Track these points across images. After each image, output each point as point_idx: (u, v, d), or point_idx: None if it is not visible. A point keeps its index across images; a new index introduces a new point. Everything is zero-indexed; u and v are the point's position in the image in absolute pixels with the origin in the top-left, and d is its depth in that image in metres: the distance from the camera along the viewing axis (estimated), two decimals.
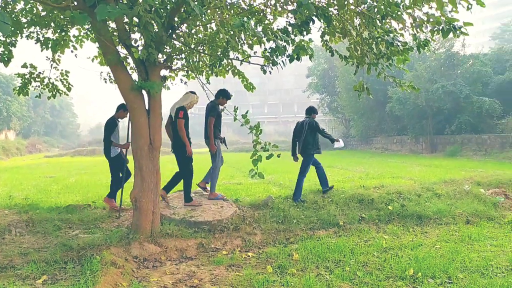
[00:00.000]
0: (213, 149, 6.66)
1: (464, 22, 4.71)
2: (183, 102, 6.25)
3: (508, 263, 4.51)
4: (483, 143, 22.04)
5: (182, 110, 6.09)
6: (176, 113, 6.07)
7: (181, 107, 6.12)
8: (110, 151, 6.53)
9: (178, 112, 6.05)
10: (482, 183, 8.34)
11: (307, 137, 7.34)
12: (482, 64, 24.76)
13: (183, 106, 6.17)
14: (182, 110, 6.08)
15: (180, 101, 6.27)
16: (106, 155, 6.62)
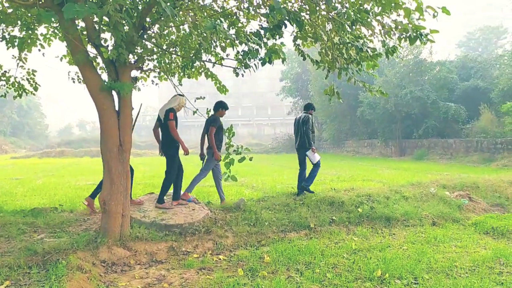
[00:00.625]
0: (218, 157, 6.82)
1: (430, 30, 4.84)
2: (172, 104, 6.22)
3: (471, 263, 4.64)
4: (449, 147, 22.74)
5: (172, 112, 6.09)
6: (166, 115, 6.06)
7: (170, 109, 6.11)
8: None
9: (168, 114, 6.05)
10: (448, 186, 8.59)
11: (302, 133, 7.61)
12: (448, 71, 25.59)
13: (172, 108, 6.16)
14: (172, 112, 6.08)
15: (169, 103, 6.25)
16: None
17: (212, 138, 6.77)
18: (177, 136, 6.10)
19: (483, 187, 8.59)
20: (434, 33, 4.89)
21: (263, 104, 74.49)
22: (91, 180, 12.06)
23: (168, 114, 6.07)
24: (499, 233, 6.02)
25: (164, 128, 6.15)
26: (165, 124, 6.11)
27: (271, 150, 39.87)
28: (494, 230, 6.15)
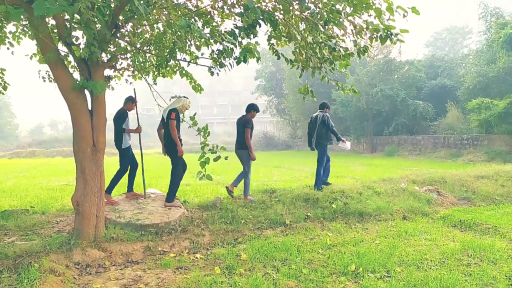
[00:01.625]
0: (253, 157, 7.23)
1: (400, 30, 4.93)
2: (175, 104, 6.30)
3: (441, 256, 4.77)
4: (418, 143, 23.33)
5: (174, 111, 6.16)
6: (169, 115, 6.14)
7: (173, 109, 6.18)
8: (122, 142, 6.49)
9: (170, 114, 6.13)
10: (417, 181, 8.80)
11: (320, 130, 8.01)
12: (416, 70, 26.23)
13: (175, 108, 6.22)
14: (174, 111, 6.15)
15: (172, 104, 6.33)
16: (117, 146, 6.56)
17: (248, 138, 7.16)
18: (175, 136, 6.17)
19: (450, 181, 8.84)
20: (404, 32, 4.97)
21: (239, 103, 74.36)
22: (63, 180, 11.74)
23: (170, 114, 6.14)
24: (466, 226, 6.21)
25: (167, 127, 6.22)
26: (167, 123, 6.18)
27: None
28: (461, 223, 6.34)
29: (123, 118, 6.50)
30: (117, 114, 6.55)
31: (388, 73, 26.06)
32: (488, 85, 21.92)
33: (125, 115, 6.58)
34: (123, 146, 6.53)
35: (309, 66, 5.87)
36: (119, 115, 6.51)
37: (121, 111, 6.57)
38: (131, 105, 6.68)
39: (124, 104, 6.68)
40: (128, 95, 6.65)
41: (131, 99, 6.65)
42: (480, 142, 19.99)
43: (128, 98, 6.67)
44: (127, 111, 6.65)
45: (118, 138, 6.50)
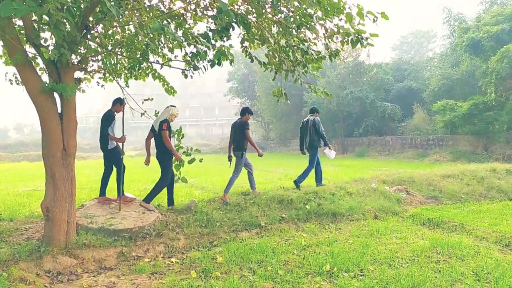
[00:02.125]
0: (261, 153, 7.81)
1: (370, 34, 5.04)
2: (165, 115, 6.45)
3: (411, 254, 4.89)
4: (386, 144, 23.89)
5: (166, 122, 6.32)
6: (160, 126, 6.30)
7: (164, 120, 6.34)
8: (108, 143, 6.34)
9: (161, 125, 6.29)
10: (387, 181, 9.00)
11: (312, 134, 8.36)
12: (384, 73, 26.90)
13: (166, 119, 6.38)
14: (165, 122, 6.31)
15: (162, 115, 6.49)
16: (102, 147, 6.41)
17: (250, 138, 7.55)
18: (170, 145, 6.31)
19: (418, 181, 9.09)
20: (373, 36, 5.08)
21: (211, 105, 74.11)
22: (31, 186, 11.32)
23: (161, 125, 6.29)
24: (434, 224, 6.41)
25: (158, 137, 6.37)
26: (159, 134, 6.32)
27: (219, 150, 39.77)
28: (430, 221, 6.54)
29: (110, 121, 6.34)
30: (104, 116, 6.39)
31: (357, 75, 26.61)
32: (452, 87, 22.72)
33: (112, 118, 6.40)
34: (109, 147, 6.38)
35: (282, 69, 5.91)
36: (106, 117, 6.35)
37: (108, 113, 6.41)
38: (119, 107, 6.50)
39: (112, 106, 6.51)
40: (117, 97, 6.46)
41: (119, 101, 6.47)
42: (445, 142, 20.68)
43: (116, 100, 6.49)
44: (114, 113, 6.47)
45: (103, 140, 6.35)
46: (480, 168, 10.17)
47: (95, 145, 48.97)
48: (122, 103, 6.46)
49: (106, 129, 6.29)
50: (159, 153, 6.46)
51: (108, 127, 6.30)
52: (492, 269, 4.26)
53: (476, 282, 3.97)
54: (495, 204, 7.80)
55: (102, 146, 6.42)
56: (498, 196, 8.58)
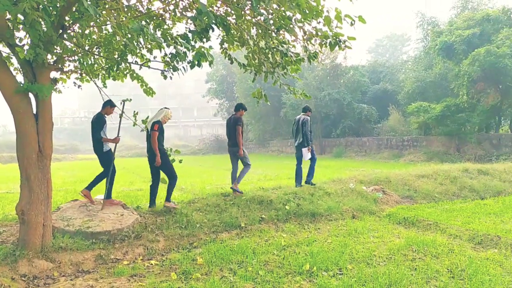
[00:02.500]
0: (241, 153, 7.62)
1: (348, 37, 5.12)
2: (158, 116, 6.55)
3: (388, 252, 4.99)
4: (363, 145, 24.27)
5: (157, 123, 6.41)
6: (152, 127, 6.37)
7: (156, 121, 6.43)
8: (102, 146, 6.28)
9: (153, 126, 6.37)
10: (364, 181, 9.15)
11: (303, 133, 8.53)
12: (361, 75, 27.35)
13: (158, 120, 6.47)
14: (157, 123, 6.41)
15: (155, 116, 6.58)
16: (97, 151, 6.32)
17: (240, 134, 7.59)
18: (155, 147, 6.32)
19: (394, 181, 9.28)
20: (351, 40, 5.17)
21: (189, 106, 73.63)
22: (4, 188, 10.98)
23: (153, 126, 6.36)
24: (410, 223, 6.56)
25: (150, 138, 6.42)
26: (150, 135, 6.39)
27: (198, 151, 39.52)
28: (405, 220, 6.68)
29: (101, 124, 6.26)
30: (95, 119, 6.32)
31: (335, 77, 26.95)
32: (425, 89, 23.29)
33: (103, 120, 6.32)
34: (104, 150, 6.32)
35: (262, 70, 5.94)
36: (97, 120, 6.27)
37: (98, 116, 6.33)
38: (109, 110, 6.42)
39: (102, 109, 6.42)
40: (107, 99, 6.37)
41: (109, 103, 6.38)
42: (419, 143, 21.17)
43: (107, 102, 6.39)
44: (105, 115, 6.40)
45: (97, 143, 6.27)
46: (453, 168, 10.46)
47: (70, 146, 47.93)
48: (113, 105, 6.40)
49: (98, 133, 6.22)
50: (152, 153, 6.46)
51: (100, 130, 6.23)
52: (465, 266, 4.39)
53: (451, 279, 4.08)
54: (468, 203, 8.03)
55: (96, 149, 6.34)
56: (471, 195, 8.84)
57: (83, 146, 49.24)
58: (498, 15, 19.15)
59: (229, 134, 7.80)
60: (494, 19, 19.02)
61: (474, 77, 17.72)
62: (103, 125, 6.29)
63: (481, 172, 10.18)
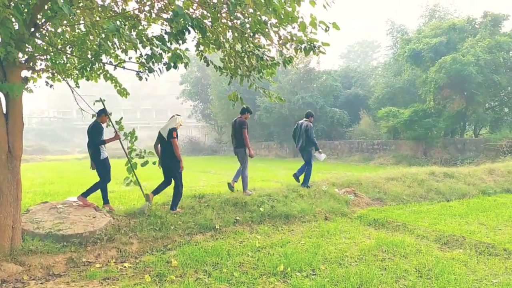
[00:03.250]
0: (252, 154, 8.03)
1: (322, 42, 5.21)
2: (173, 123, 6.82)
3: (359, 253, 5.10)
4: (335, 148, 24.65)
5: (175, 130, 6.74)
6: (170, 134, 6.70)
7: (173, 128, 6.74)
8: (100, 154, 6.52)
9: (171, 133, 6.69)
10: (336, 183, 9.31)
11: (305, 138, 8.85)
12: (333, 80, 27.80)
13: (174, 127, 6.77)
14: (174, 130, 6.73)
15: (170, 123, 6.86)
16: (94, 159, 6.57)
17: (246, 137, 7.90)
18: (178, 153, 6.70)
19: (365, 183, 9.48)
20: (325, 45, 5.27)
21: (163, 107, 72.67)
22: None
23: (171, 133, 6.69)
24: (380, 224, 6.72)
25: (167, 144, 6.73)
26: (168, 141, 6.70)
27: None
28: (375, 222, 6.85)
29: (100, 132, 6.55)
30: (92, 128, 6.56)
31: (308, 81, 27.28)
32: (395, 95, 23.91)
33: (101, 128, 6.62)
34: (101, 157, 6.54)
35: (238, 73, 5.96)
36: (95, 129, 6.53)
37: (96, 125, 6.58)
38: (104, 118, 6.68)
39: (97, 117, 6.66)
40: (101, 108, 6.61)
41: (104, 112, 6.64)
42: (388, 147, 21.70)
43: (101, 111, 6.63)
44: (101, 123, 6.65)
45: (94, 150, 6.51)
46: (420, 171, 10.77)
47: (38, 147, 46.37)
48: (107, 113, 6.67)
49: (98, 140, 6.47)
50: (167, 158, 6.78)
51: (99, 137, 6.49)
52: (432, 265, 4.55)
53: (419, 278, 4.22)
54: (434, 205, 8.30)
55: (93, 157, 6.57)
56: (437, 197, 9.14)
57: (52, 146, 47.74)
58: (464, 24, 19.92)
59: (235, 136, 8.11)
60: (460, 29, 19.77)
61: (440, 84, 18.33)
62: (101, 132, 6.57)
63: (447, 175, 10.54)
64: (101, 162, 6.53)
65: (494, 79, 17.43)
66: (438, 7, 26.32)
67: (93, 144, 6.48)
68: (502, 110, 19.84)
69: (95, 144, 6.46)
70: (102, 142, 6.49)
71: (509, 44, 17.60)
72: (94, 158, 6.56)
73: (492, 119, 19.63)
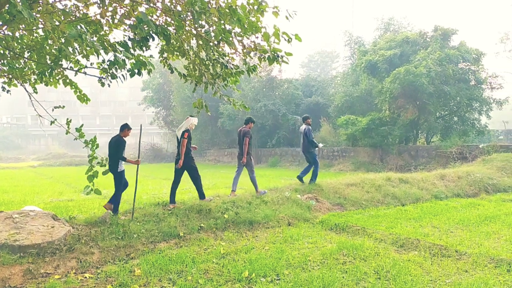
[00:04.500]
0: (244, 161, 8.78)
1: (285, 52, 5.33)
2: (186, 125, 7.72)
3: (321, 257, 5.21)
4: (297, 155, 24.98)
5: (187, 132, 7.63)
6: (182, 135, 7.57)
7: (186, 130, 7.64)
8: (118, 167, 6.87)
9: (183, 134, 7.57)
10: (299, 189, 9.44)
11: (306, 141, 9.88)
12: (294, 88, 28.27)
13: (187, 128, 7.66)
14: (187, 132, 7.63)
15: (184, 125, 7.75)
16: (113, 170, 6.84)
17: (246, 145, 8.70)
18: (183, 152, 7.52)
19: (326, 189, 9.68)
20: (288, 55, 5.39)
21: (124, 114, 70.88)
22: None
23: (183, 134, 7.55)
24: (341, 229, 6.89)
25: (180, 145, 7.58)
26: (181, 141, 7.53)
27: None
28: (336, 226, 7.01)
29: (123, 146, 6.93)
30: (115, 142, 6.93)
31: (270, 89, 27.58)
32: (353, 103, 24.63)
33: (124, 143, 6.99)
34: (119, 170, 6.89)
35: (202, 81, 5.96)
36: (118, 143, 6.90)
37: (119, 139, 6.95)
38: (127, 132, 7.07)
39: (120, 131, 7.02)
40: (124, 123, 7.10)
41: (127, 126, 7.05)
42: (348, 153, 22.29)
43: (124, 126, 7.04)
44: (124, 138, 7.01)
45: (114, 163, 6.82)
46: (378, 177, 11.14)
47: None
48: (129, 128, 7.08)
49: (120, 154, 6.85)
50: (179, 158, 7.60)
51: (121, 151, 6.88)
52: (390, 267, 4.72)
53: (377, 280, 4.37)
54: (391, 209, 8.61)
55: (112, 168, 6.83)
56: (393, 202, 9.48)
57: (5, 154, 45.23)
58: (416, 38, 20.91)
59: (239, 144, 8.97)
60: (413, 42, 20.73)
61: (395, 94, 19.08)
62: (124, 147, 6.94)
63: (402, 180, 10.96)
64: (118, 173, 6.90)
65: (444, 89, 18.36)
66: (392, 21, 27.49)
67: (116, 157, 6.80)
68: (452, 119, 20.89)
69: (118, 158, 6.80)
70: (123, 159, 6.86)
71: (458, 57, 18.62)
72: (112, 169, 6.80)
73: (442, 127, 20.63)
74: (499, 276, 4.41)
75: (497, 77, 19.72)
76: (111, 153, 6.87)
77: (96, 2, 5.25)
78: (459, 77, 19.16)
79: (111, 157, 6.81)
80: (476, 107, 19.73)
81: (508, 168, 12.70)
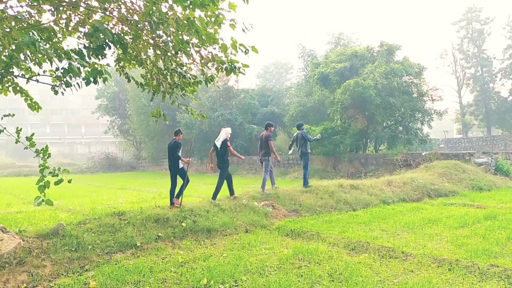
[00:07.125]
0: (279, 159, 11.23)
1: (242, 64, 5.40)
2: (224, 135, 9.12)
3: (278, 262, 5.28)
4: (253, 163, 25.14)
5: (228, 140, 9.06)
6: (225, 144, 9.00)
7: (226, 139, 9.05)
8: (179, 165, 8.37)
9: (226, 143, 9.01)
10: (256, 197, 9.50)
11: (302, 145, 10.67)
12: (251, 98, 28.53)
13: (226, 138, 9.06)
14: (228, 140, 9.06)
15: (222, 135, 9.14)
16: (174, 168, 8.39)
17: (272, 147, 10.12)
18: (236, 154, 9.48)
19: (282, 196, 9.82)
20: (245, 67, 5.47)
21: (76, 122, 68.11)
22: None
23: (226, 143, 8.98)
24: (296, 234, 7.01)
25: (219, 152, 9.07)
26: (221, 150, 9.00)
27: (86, 170, 36.56)
28: (292, 232, 7.13)
29: (179, 148, 8.38)
30: (173, 144, 8.36)
31: (227, 99, 27.66)
32: (307, 113, 25.22)
33: (180, 145, 8.45)
34: (180, 167, 8.40)
35: (160, 90, 5.90)
36: (176, 145, 8.36)
37: (176, 141, 8.43)
38: (180, 136, 8.60)
39: (175, 135, 8.57)
40: (177, 128, 8.74)
41: (180, 131, 8.66)
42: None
43: (178, 131, 8.64)
44: (179, 141, 8.48)
45: (175, 162, 8.33)
46: (331, 184, 11.45)
47: None
48: (181, 132, 8.71)
49: (177, 153, 8.28)
50: (220, 162, 9.13)
51: (178, 152, 8.31)
52: (343, 270, 4.87)
53: (331, 282, 4.49)
54: (343, 215, 8.87)
55: (173, 166, 8.36)
56: (345, 207, 9.78)
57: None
58: (364, 52, 21.85)
59: (261, 147, 10.17)
60: (361, 56, 21.64)
61: (345, 104, 19.77)
62: (180, 148, 8.39)
63: (353, 187, 11.33)
64: (180, 169, 8.39)
65: (390, 101, 19.28)
66: (342, 36, 28.57)
67: (175, 157, 8.23)
68: (397, 129, 21.95)
69: (177, 157, 8.22)
70: (179, 157, 8.29)
71: (402, 71, 19.65)
72: (173, 167, 8.34)
73: (389, 136, 21.60)
74: (441, 275, 4.68)
75: (437, 90, 21.06)
76: (171, 154, 8.30)
77: (50, 10, 5.07)
78: (403, 90, 20.18)
79: (173, 156, 8.25)
80: (418, 118, 20.88)
81: (448, 174, 13.51)
